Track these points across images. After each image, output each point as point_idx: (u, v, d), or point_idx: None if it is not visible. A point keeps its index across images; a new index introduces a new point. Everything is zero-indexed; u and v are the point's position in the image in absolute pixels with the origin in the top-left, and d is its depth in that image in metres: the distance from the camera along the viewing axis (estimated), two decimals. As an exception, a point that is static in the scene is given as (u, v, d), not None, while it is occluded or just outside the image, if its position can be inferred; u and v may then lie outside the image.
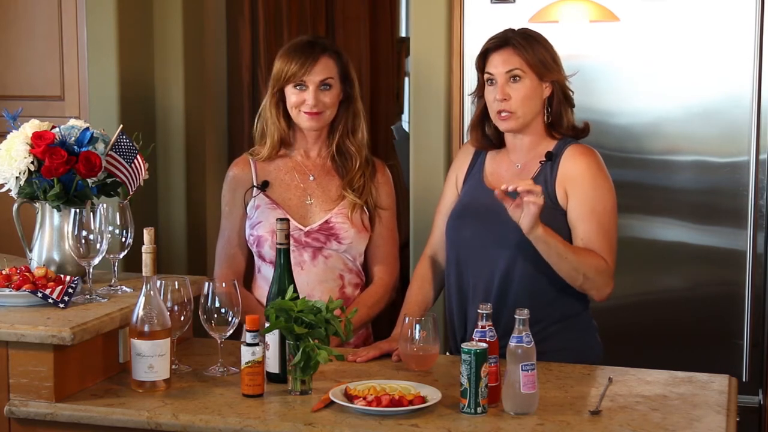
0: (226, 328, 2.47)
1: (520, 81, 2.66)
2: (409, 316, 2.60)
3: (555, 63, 2.70)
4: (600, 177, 2.68)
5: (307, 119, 2.94)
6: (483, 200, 2.72)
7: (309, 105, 2.91)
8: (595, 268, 2.60)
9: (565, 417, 2.23)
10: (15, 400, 2.37)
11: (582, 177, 2.66)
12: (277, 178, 3.01)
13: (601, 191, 2.66)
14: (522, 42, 2.67)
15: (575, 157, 2.68)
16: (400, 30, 6.21)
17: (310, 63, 2.91)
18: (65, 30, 3.79)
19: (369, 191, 2.99)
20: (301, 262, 2.94)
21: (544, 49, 2.69)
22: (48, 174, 2.68)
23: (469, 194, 2.80)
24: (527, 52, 2.66)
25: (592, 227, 2.63)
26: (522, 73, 2.66)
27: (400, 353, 2.59)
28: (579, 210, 2.65)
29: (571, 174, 2.66)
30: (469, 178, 2.83)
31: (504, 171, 2.76)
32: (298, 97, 2.93)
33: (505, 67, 2.67)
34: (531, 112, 2.68)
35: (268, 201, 2.98)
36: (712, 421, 2.22)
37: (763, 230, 3.40)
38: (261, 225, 2.96)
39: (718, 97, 3.41)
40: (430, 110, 3.63)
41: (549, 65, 2.68)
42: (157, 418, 2.26)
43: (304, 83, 2.92)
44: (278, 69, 2.95)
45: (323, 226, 2.94)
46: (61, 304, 2.50)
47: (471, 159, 2.85)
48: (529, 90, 2.66)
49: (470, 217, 2.74)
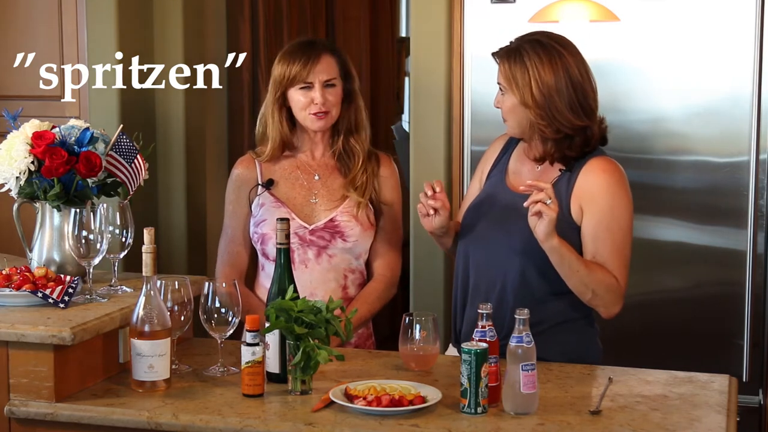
0: (226, 328, 2.47)
1: (505, 95, 2.64)
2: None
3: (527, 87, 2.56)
4: (618, 195, 2.61)
5: (315, 120, 2.93)
6: (500, 198, 2.72)
7: (318, 104, 2.90)
8: (606, 286, 2.57)
9: (565, 417, 2.23)
10: (15, 400, 2.37)
11: (600, 194, 2.60)
12: (282, 176, 3.01)
13: (618, 210, 2.60)
14: (504, 56, 2.62)
15: (595, 173, 2.61)
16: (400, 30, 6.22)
17: (313, 61, 2.91)
18: (65, 30, 3.79)
19: (372, 187, 2.99)
20: (306, 260, 2.94)
21: (524, 67, 2.58)
22: (48, 174, 2.68)
23: (488, 191, 2.78)
24: (505, 69, 2.61)
25: (605, 246, 2.58)
26: (504, 88, 2.63)
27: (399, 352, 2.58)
28: (594, 228, 2.59)
29: (589, 190, 2.60)
30: (492, 174, 2.81)
31: (526, 171, 2.73)
32: (306, 97, 2.92)
33: (497, 78, 2.66)
34: (520, 122, 2.63)
35: (273, 199, 2.98)
36: (712, 421, 2.22)
37: (763, 230, 3.40)
38: (265, 223, 2.95)
39: (718, 97, 3.41)
40: (430, 110, 3.63)
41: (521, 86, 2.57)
42: (157, 418, 2.26)
43: (309, 83, 2.91)
44: (280, 72, 2.94)
45: (328, 225, 2.94)
46: (61, 304, 2.50)
47: (498, 154, 2.82)
48: (510, 104, 2.62)
49: (484, 214, 2.73)
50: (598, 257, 2.59)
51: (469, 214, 2.78)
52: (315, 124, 2.94)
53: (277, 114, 2.97)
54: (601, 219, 2.59)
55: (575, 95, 2.60)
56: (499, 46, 2.69)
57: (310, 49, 2.93)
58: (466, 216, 2.78)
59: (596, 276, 2.55)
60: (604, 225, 2.59)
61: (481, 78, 3.53)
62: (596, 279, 2.55)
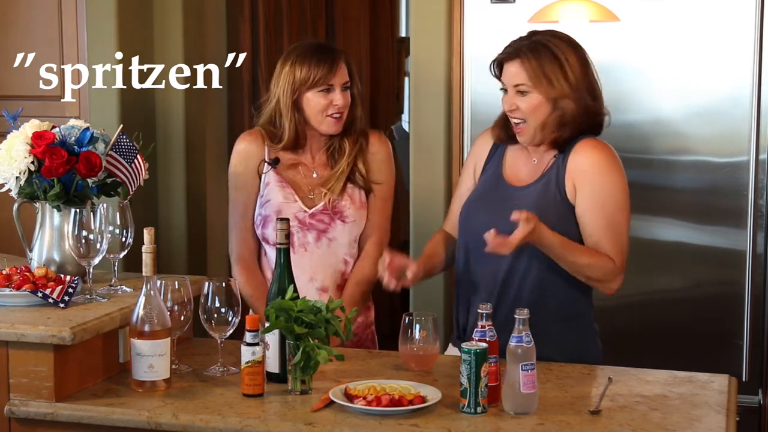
0: (226, 328, 2.47)
1: (527, 95, 2.64)
2: (418, 262, 2.64)
3: (564, 78, 2.62)
4: (610, 172, 2.64)
5: (333, 123, 2.94)
6: (499, 192, 2.73)
7: (338, 106, 2.92)
8: (600, 269, 2.60)
9: (565, 417, 2.23)
10: (15, 400, 2.37)
11: (591, 171, 2.63)
12: (285, 162, 3.00)
13: (610, 186, 2.64)
14: (529, 54, 2.62)
15: (585, 151, 2.65)
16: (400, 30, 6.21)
17: (335, 66, 2.93)
18: (65, 30, 3.79)
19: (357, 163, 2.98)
20: (305, 243, 2.95)
21: (555, 60, 2.62)
22: (48, 174, 2.68)
23: (485, 185, 2.79)
24: (533, 66, 2.61)
25: (600, 223, 2.62)
26: (528, 88, 2.63)
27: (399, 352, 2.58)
28: (587, 205, 2.63)
29: (580, 168, 2.64)
30: (487, 169, 2.81)
31: (522, 165, 2.75)
32: (325, 99, 2.92)
33: (512, 81, 2.65)
34: (542, 120, 2.65)
35: (278, 178, 2.97)
36: (712, 421, 2.22)
37: (763, 230, 3.40)
38: (269, 204, 2.95)
39: (718, 97, 3.41)
40: (430, 110, 3.63)
41: (553, 80, 2.61)
42: (157, 418, 2.26)
43: (330, 85, 2.92)
44: (302, 74, 2.92)
45: (327, 206, 2.95)
46: (61, 304, 2.50)
47: (491, 149, 2.83)
48: (536, 102, 2.63)
49: (483, 208, 2.74)
50: (594, 235, 2.61)
51: (467, 207, 2.79)
52: (332, 128, 2.95)
53: (295, 114, 2.96)
54: (594, 196, 2.62)
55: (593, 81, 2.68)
56: (498, 49, 2.69)
57: (329, 54, 2.95)
58: (465, 210, 2.79)
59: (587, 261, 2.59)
60: (598, 202, 2.62)
61: (481, 78, 3.52)
62: (587, 264, 2.59)
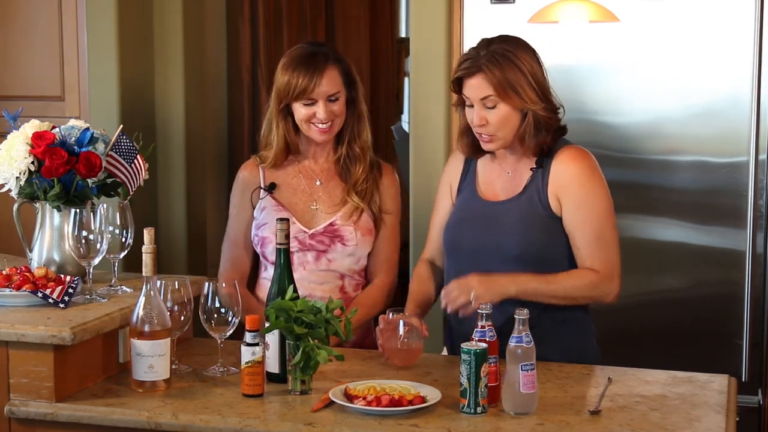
0: (226, 328, 2.47)
1: (495, 107, 2.61)
2: (408, 310, 2.63)
3: (529, 86, 2.58)
4: (592, 181, 2.64)
5: (318, 133, 2.93)
6: (479, 211, 2.71)
7: (320, 119, 2.90)
8: (586, 287, 2.62)
9: (564, 417, 2.23)
10: (15, 400, 2.37)
11: (573, 183, 2.62)
12: (285, 182, 3.01)
13: (593, 197, 2.63)
14: (491, 66, 2.58)
15: (566, 162, 2.64)
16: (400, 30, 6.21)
17: (317, 77, 2.88)
18: (65, 30, 3.79)
19: (372, 195, 2.99)
20: (304, 262, 2.95)
21: (518, 70, 2.58)
22: (48, 174, 2.68)
23: (464, 205, 2.77)
24: (497, 78, 2.57)
25: (585, 234, 2.62)
26: (495, 100, 2.60)
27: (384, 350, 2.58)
28: (573, 217, 2.62)
29: (563, 180, 2.63)
30: (462, 188, 2.80)
31: (496, 178, 2.73)
32: (308, 110, 2.91)
33: (478, 95, 2.61)
34: (512, 131, 2.63)
35: (274, 203, 2.98)
36: (712, 421, 2.22)
37: (762, 230, 3.40)
38: (266, 226, 2.96)
39: (718, 97, 3.41)
40: (430, 110, 3.62)
41: (520, 91, 2.58)
42: (157, 418, 2.26)
43: (312, 99, 2.90)
44: (283, 84, 2.91)
45: (328, 229, 2.94)
46: (61, 304, 2.50)
47: (463, 166, 2.81)
48: (505, 113, 2.61)
49: (468, 229, 2.72)
50: (583, 247, 2.62)
51: (451, 231, 2.76)
52: (319, 137, 2.95)
53: (282, 122, 2.96)
54: (578, 208, 2.62)
55: (546, 81, 2.66)
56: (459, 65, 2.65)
57: (314, 62, 2.89)
58: (449, 234, 2.77)
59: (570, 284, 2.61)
60: (582, 214, 2.62)
61: (481, 78, 3.52)
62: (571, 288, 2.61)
